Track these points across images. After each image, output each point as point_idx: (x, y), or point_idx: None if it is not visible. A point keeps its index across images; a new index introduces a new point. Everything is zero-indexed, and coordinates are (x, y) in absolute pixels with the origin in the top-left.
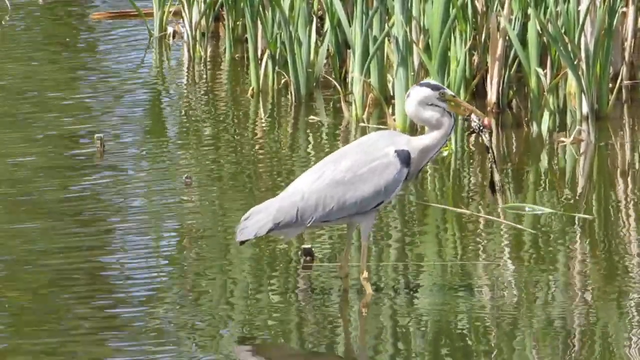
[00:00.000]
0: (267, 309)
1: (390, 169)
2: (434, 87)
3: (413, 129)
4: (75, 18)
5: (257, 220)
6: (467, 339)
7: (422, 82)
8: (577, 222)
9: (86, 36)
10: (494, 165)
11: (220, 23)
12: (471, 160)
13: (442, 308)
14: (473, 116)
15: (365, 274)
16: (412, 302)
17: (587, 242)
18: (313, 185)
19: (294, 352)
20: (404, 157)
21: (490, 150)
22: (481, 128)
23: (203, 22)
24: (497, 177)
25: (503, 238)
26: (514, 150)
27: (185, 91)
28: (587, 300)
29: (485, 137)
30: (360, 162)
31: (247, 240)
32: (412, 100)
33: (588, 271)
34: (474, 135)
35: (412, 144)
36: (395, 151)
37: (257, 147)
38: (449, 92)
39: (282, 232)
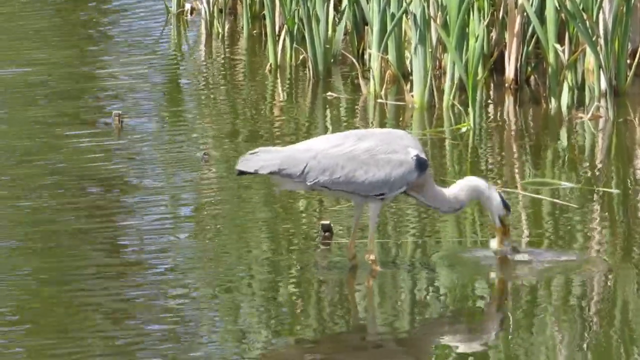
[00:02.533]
0: (283, 283)
1: (405, 167)
2: (507, 206)
3: (431, 105)
4: None
5: (263, 158)
6: (481, 314)
7: (502, 190)
8: (598, 197)
9: (103, 13)
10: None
11: None
12: (489, 136)
13: (454, 284)
14: (506, 243)
15: (373, 256)
16: (421, 280)
17: (610, 216)
18: (329, 150)
19: (306, 325)
20: (421, 164)
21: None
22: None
23: None
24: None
25: (521, 212)
26: (532, 127)
27: (202, 68)
28: (608, 276)
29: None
30: (382, 148)
31: (245, 173)
32: (482, 189)
33: (611, 246)
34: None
35: (428, 172)
36: (417, 155)
37: (275, 123)
38: (510, 218)
39: (281, 180)
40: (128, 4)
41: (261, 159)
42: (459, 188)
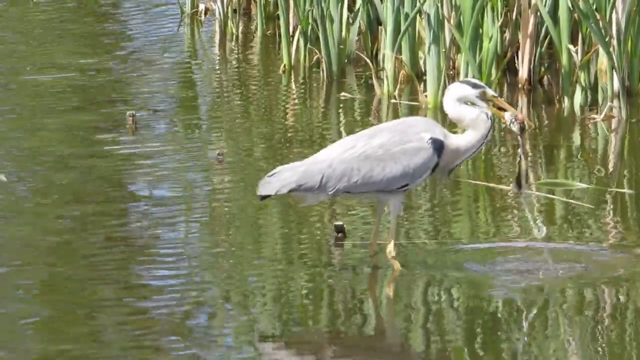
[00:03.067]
0: (297, 285)
1: (422, 154)
2: (474, 85)
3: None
4: None
5: (281, 178)
6: (500, 317)
7: (463, 79)
8: (612, 197)
9: (118, 14)
10: (522, 162)
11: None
12: (502, 137)
13: (474, 286)
14: (507, 114)
15: (393, 253)
16: (441, 281)
17: (626, 216)
18: (343, 155)
19: (322, 329)
20: (438, 146)
21: (521, 145)
22: (512, 121)
23: None
24: (524, 174)
25: (536, 214)
26: (545, 127)
27: (217, 68)
28: (623, 277)
29: (515, 129)
30: (394, 141)
31: (268, 196)
32: (450, 96)
33: (623, 248)
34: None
35: (448, 139)
36: (431, 138)
37: (289, 123)
38: (490, 91)
39: (304, 195)
40: (142, 4)
41: (279, 179)
42: (464, 119)
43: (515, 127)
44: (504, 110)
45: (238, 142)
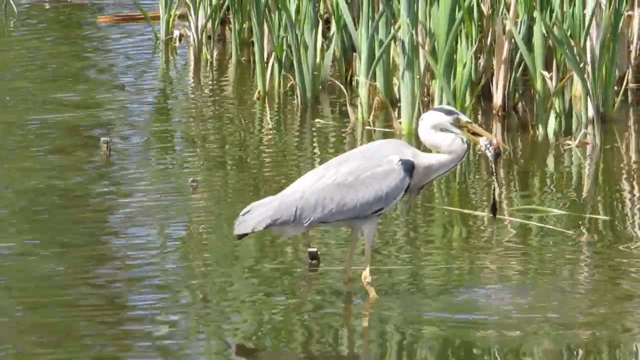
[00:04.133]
0: (271, 312)
1: (393, 176)
2: (447, 112)
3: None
4: (82, 22)
5: (256, 215)
6: (474, 342)
7: (436, 107)
8: (585, 223)
9: (93, 40)
10: (496, 187)
11: (227, 26)
12: (477, 162)
13: (448, 311)
14: (482, 139)
15: (369, 278)
16: (417, 305)
17: (597, 243)
18: (314, 185)
19: (296, 357)
20: (408, 167)
21: (494, 172)
22: (487, 146)
23: (209, 25)
24: (498, 200)
25: (511, 239)
26: (520, 154)
27: (191, 94)
28: (597, 301)
29: (489, 155)
30: (364, 166)
31: (245, 235)
32: (425, 124)
33: (599, 273)
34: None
35: (418, 158)
36: (400, 160)
37: (263, 150)
38: (464, 117)
39: (280, 229)
40: (116, 30)
41: (254, 216)
42: (439, 144)
43: (490, 153)
44: (479, 135)
45: (212, 169)
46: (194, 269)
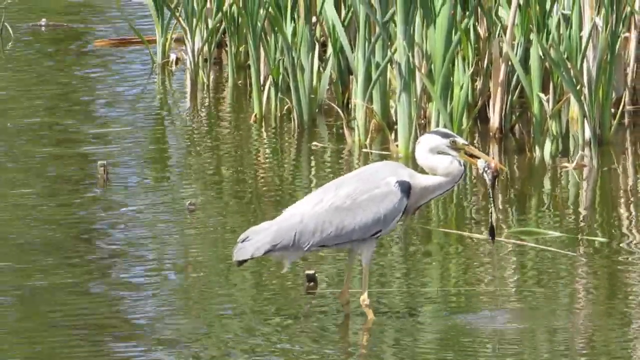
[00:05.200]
0: (269, 335)
1: (390, 198)
2: (444, 135)
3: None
4: (79, 45)
5: (255, 241)
6: None
7: (433, 130)
8: (582, 245)
9: (89, 63)
10: (493, 211)
11: (223, 49)
12: (474, 185)
13: (446, 334)
14: (480, 161)
15: (367, 301)
16: (416, 328)
17: (597, 265)
18: (312, 209)
19: None
20: (405, 188)
21: (492, 195)
22: (485, 169)
23: (205, 48)
24: (495, 223)
25: (509, 262)
26: (517, 176)
27: (187, 117)
28: (596, 323)
29: (487, 178)
30: (361, 189)
31: (244, 261)
32: (422, 147)
33: (597, 296)
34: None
35: (414, 179)
36: (397, 181)
37: (260, 173)
38: (461, 140)
39: (280, 254)
40: (112, 53)
41: (253, 243)
42: (436, 167)
43: (488, 177)
44: (477, 157)
45: (209, 192)
46: (192, 291)
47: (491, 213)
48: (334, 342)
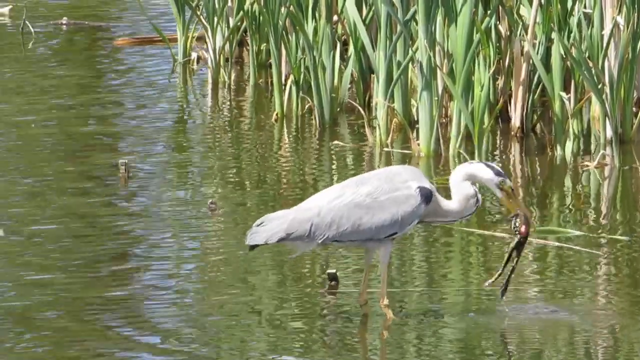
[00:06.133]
0: (290, 333)
1: (410, 202)
2: (497, 173)
3: (437, 154)
4: (100, 44)
5: (270, 227)
6: None
7: (488, 162)
8: (604, 244)
9: (110, 62)
10: (511, 274)
11: (244, 48)
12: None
13: (466, 334)
14: (515, 220)
15: (386, 301)
16: (434, 328)
17: (619, 264)
18: (331, 203)
19: None
20: (426, 194)
21: (514, 260)
22: (516, 232)
23: (227, 47)
24: (509, 283)
25: (529, 262)
26: (538, 175)
27: (209, 116)
28: (615, 324)
29: (513, 244)
30: (382, 189)
31: (256, 246)
32: (466, 171)
33: (619, 295)
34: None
35: (434, 192)
36: (419, 186)
37: (281, 172)
38: (509, 182)
39: (293, 244)
40: (134, 52)
41: (268, 229)
42: (458, 192)
43: (514, 239)
44: (515, 204)
45: (231, 191)
46: (211, 289)
47: (509, 273)
48: (353, 343)
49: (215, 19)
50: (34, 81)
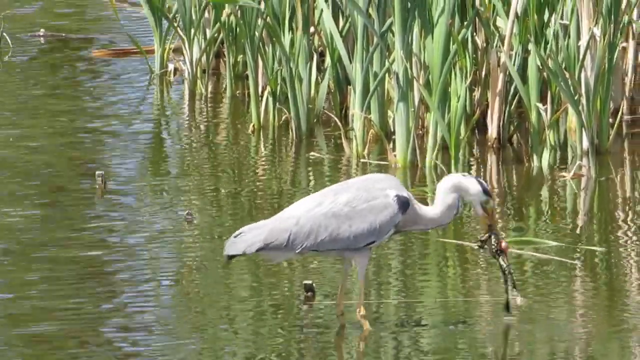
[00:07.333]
0: (267, 344)
1: (388, 210)
2: (485, 192)
3: (413, 165)
4: (77, 55)
5: (248, 237)
6: None
7: (480, 179)
8: (581, 255)
9: (87, 73)
10: (509, 289)
11: (221, 60)
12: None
13: (444, 345)
14: (492, 239)
15: (363, 312)
16: (412, 339)
17: (594, 275)
18: (309, 212)
19: None
20: (403, 203)
21: (508, 275)
22: (498, 252)
23: (204, 59)
24: (511, 299)
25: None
26: (515, 186)
27: (186, 128)
28: (592, 335)
29: (502, 262)
30: (360, 198)
31: (235, 256)
32: (457, 182)
33: (595, 306)
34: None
35: (412, 201)
36: (396, 195)
37: (258, 183)
38: (493, 203)
39: (271, 254)
40: (110, 63)
41: (246, 239)
42: (443, 201)
43: (494, 248)
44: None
45: (207, 202)
46: (189, 302)
47: (507, 292)
48: (329, 354)
49: (192, 31)
50: (9, 92)
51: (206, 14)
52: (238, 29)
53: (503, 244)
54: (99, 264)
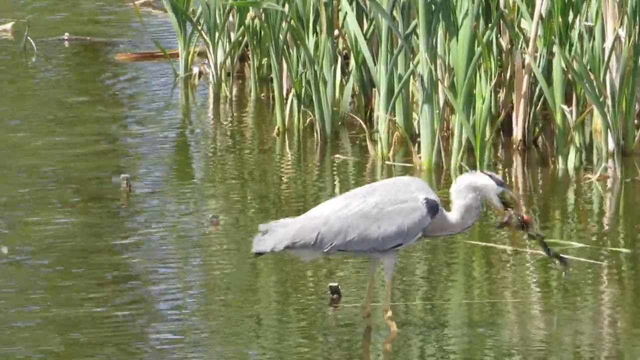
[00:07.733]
0: (293, 346)
1: (417, 213)
2: (498, 183)
3: (438, 167)
4: (101, 59)
5: (277, 235)
6: None
7: (488, 172)
8: (607, 256)
9: (111, 77)
10: (550, 253)
11: (246, 63)
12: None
13: (470, 347)
14: (514, 217)
15: (389, 313)
16: (438, 341)
17: (622, 278)
18: (339, 212)
19: None
20: (432, 207)
21: (542, 241)
22: (523, 225)
23: (228, 62)
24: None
25: (532, 274)
26: (540, 188)
27: (210, 131)
28: (618, 337)
29: (532, 233)
30: (389, 200)
31: (262, 253)
32: (468, 181)
33: (621, 308)
34: (521, 231)
35: (440, 205)
36: (425, 198)
37: (283, 186)
38: (510, 192)
39: (299, 252)
40: (135, 67)
41: (274, 237)
42: (460, 204)
43: (516, 225)
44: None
45: (232, 205)
46: (213, 303)
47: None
48: (356, 356)
49: (217, 34)
50: (34, 96)
51: (230, 18)
52: (262, 32)
53: (525, 217)
54: (124, 267)
